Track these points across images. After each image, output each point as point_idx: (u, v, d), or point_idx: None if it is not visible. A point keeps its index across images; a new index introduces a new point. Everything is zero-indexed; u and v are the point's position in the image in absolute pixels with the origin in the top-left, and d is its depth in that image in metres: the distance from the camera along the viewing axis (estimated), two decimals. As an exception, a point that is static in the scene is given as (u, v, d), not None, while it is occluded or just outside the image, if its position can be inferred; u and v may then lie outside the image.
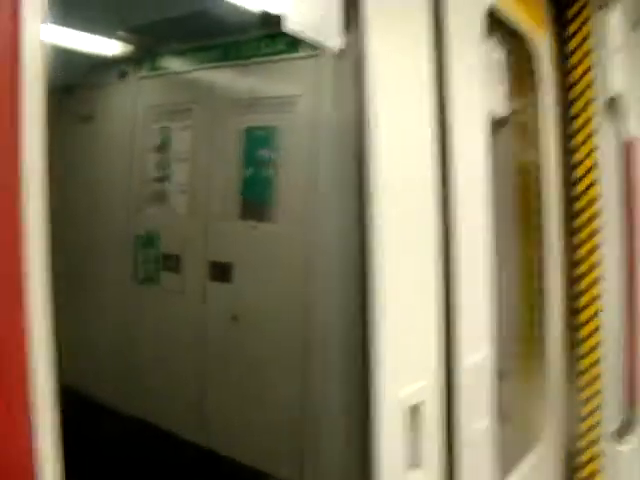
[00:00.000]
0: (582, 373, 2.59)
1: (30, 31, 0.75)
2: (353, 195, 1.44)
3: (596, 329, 2.57)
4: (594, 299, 2.58)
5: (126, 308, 3.84)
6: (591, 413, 2.58)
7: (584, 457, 2.59)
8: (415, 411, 1.50)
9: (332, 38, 1.34)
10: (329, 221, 2.81)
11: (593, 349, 2.57)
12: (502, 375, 2.72)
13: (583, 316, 2.60)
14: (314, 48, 1.36)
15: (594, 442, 2.57)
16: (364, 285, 1.42)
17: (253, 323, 3.21)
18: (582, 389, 2.59)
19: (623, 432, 2.53)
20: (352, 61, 1.41)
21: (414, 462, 1.52)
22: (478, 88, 1.87)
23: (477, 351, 1.82)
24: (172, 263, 3.73)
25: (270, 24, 2.69)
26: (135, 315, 3.79)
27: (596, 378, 2.56)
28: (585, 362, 2.58)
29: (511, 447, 2.57)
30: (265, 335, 3.10)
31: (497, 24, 2.21)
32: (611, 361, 2.58)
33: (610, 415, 2.55)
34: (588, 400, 2.58)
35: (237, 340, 3.27)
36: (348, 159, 1.46)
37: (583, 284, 2.59)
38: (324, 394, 2.72)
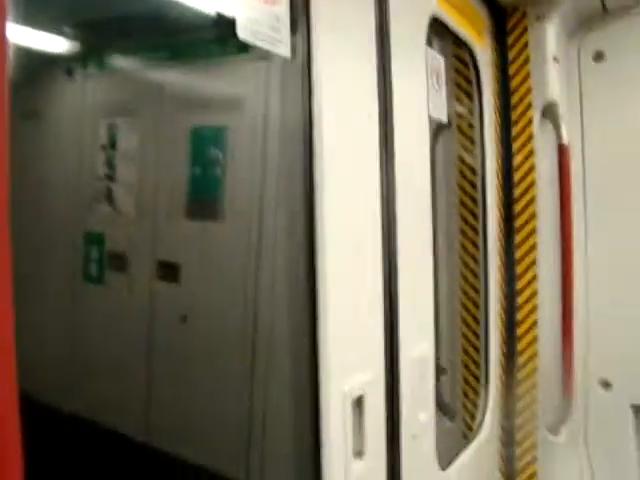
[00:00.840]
0: (520, 368, 2.70)
1: None
2: (299, 193, 1.49)
3: (534, 324, 2.69)
4: (532, 296, 2.69)
5: (72, 307, 3.80)
6: (528, 406, 2.69)
7: (521, 448, 2.70)
8: (359, 403, 1.56)
9: (281, 45, 1.39)
10: (276, 219, 2.87)
11: (530, 344, 2.69)
12: (443, 370, 2.83)
13: (521, 313, 2.71)
14: (265, 51, 1.41)
15: (530, 434, 2.69)
16: (310, 280, 1.47)
17: (201, 322, 3.22)
18: (520, 383, 2.70)
19: (558, 424, 2.65)
20: (298, 64, 1.47)
21: (358, 452, 1.58)
22: (420, 94, 1.95)
23: (419, 345, 1.89)
24: (119, 262, 3.71)
25: (221, 26, 2.73)
26: (81, 314, 3.76)
27: (533, 372, 2.68)
28: (523, 357, 2.70)
29: (452, 439, 2.67)
30: (213, 334, 3.12)
31: (440, 32, 2.30)
32: (548, 356, 2.69)
33: (546, 408, 2.67)
34: (525, 394, 2.69)
35: (185, 340, 3.28)
36: (295, 159, 1.51)
37: (522, 282, 2.71)
38: (271, 388, 2.77)
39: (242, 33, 1.28)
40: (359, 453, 1.57)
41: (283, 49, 1.40)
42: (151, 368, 3.44)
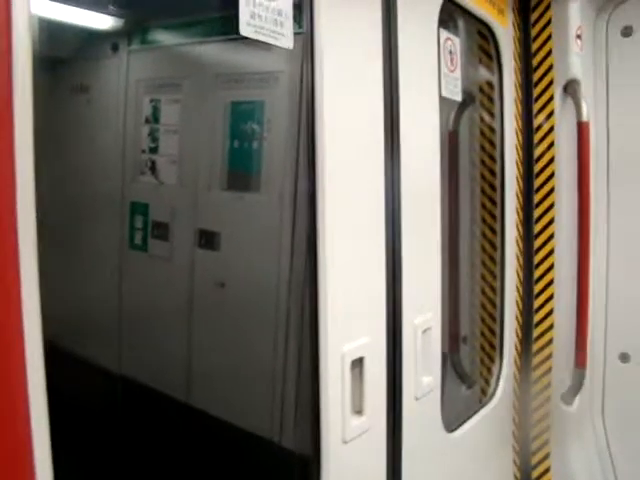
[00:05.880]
0: (536, 338, 2.78)
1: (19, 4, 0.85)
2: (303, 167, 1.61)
3: (550, 297, 2.75)
4: (549, 269, 2.76)
5: (117, 272, 4.02)
6: (543, 376, 2.77)
7: (535, 416, 2.79)
8: (358, 364, 1.69)
9: (283, 39, 1.49)
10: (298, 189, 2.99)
11: (547, 317, 2.76)
12: (465, 339, 2.93)
13: (539, 285, 2.77)
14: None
15: (545, 402, 2.77)
16: (312, 247, 1.58)
17: (238, 287, 3.39)
18: (535, 353, 2.78)
19: (571, 394, 2.73)
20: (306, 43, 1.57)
21: (358, 409, 1.71)
22: (429, 73, 2.02)
23: (423, 314, 2.00)
24: (161, 231, 3.91)
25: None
26: (125, 279, 3.98)
27: (549, 343, 2.75)
28: (539, 328, 2.77)
29: (470, 405, 2.78)
30: (246, 299, 3.28)
31: (459, 11, 2.36)
32: (565, 328, 2.76)
33: (559, 378, 2.75)
34: (540, 364, 2.78)
35: (222, 304, 3.46)
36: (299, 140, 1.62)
37: (539, 256, 2.77)
38: (282, 349, 2.91)
39: (245, 30, 1.39)
40: (358, 410, 1.71)
41: (286, 42, 1.50)
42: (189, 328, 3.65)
